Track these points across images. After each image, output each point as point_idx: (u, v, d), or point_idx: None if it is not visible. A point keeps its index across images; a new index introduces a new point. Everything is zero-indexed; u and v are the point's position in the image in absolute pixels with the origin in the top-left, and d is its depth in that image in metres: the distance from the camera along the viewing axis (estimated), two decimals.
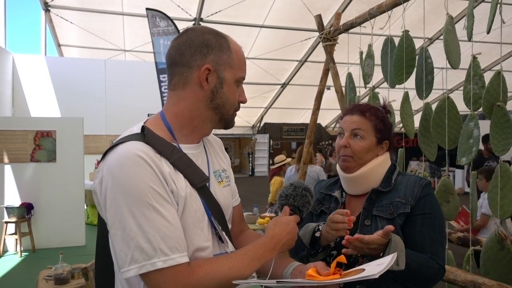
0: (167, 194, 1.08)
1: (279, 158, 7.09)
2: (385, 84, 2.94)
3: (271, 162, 21.60)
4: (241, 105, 1.27)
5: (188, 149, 1.20)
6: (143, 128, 1.17)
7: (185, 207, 1.12)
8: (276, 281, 1.13)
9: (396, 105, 2.75)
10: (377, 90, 3.20)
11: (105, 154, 1.14)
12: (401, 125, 2.83)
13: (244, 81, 1.27)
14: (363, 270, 1.14)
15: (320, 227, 1.53)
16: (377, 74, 2.95)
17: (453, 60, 2.35)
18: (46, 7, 11.06)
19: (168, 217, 1.06)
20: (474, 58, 2.22)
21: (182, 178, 1.14)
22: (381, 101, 1.77)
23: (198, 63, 1.16)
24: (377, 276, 1.06)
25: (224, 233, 1.23)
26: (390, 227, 1.36)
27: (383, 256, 1.38)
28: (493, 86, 2.12)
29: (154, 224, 1.03)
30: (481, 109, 2.24)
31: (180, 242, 1.07)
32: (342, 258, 1.23)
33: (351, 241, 1.36)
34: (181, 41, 1.19)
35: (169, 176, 1.09)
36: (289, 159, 7.22)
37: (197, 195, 1.17)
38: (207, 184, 1.21)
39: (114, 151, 1.11)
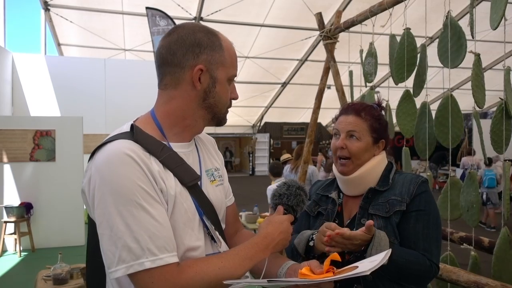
0: (155, 193, 1.06)
1: (285, 156, 7.07)
2: (386, 83, 2.92)
3: (271, 161, 21.63)
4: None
5: (178, 148, 1.18)
6: (132, 126, 1.15)
7: (174, 206, 1.10)
8: (267, 280, 1.11)
9: (396, 104, 2.73)
10: (378, 89, 3.18)
11: (93, 153, 1.12)
12: None
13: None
14: (357, 267, 1.13)
15: (314, 236, 1.52)
16: (379, 73, 2.93)
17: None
18: (46, 6, 11.05)
19: (157, 216, 1.04)
20: (476, 55, 2.20)
21: (171, 176, 1.11)
22: (376, 99, 1.75)
23: (191, 63, 1.14)
24: (368, 273, 1.05)
25: (217, 232, 1.21)
26: (371, 222, 1.36)
27: (365, 250, 1.38)
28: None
29: (142, 224, 1.01)
30: (479, 109, 2.23)
31: (169, 241, 1.05)
32: (336, 256, 1.22)
33: (333, 237, 1.36)
34: (171, 40, 1.16)
35: (158, 175, 1.07)
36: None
37: (187, 194, 1.14)
38: (199, 183, 1.19)
39: (103, 150, 1.09)
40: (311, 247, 1.51)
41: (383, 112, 1.70)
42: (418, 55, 2.64)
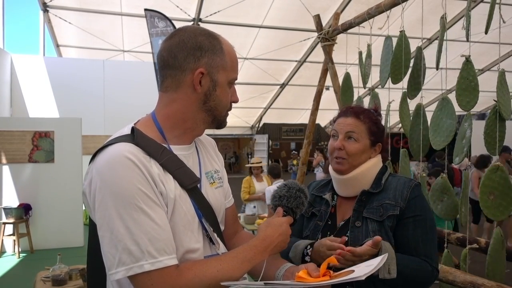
0: (155, 196, 1.07)
1: (255, 159, 6.89)
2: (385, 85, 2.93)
3: (270, 162, 21.62)
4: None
5: (179, 150, 1.19)
6: (133, 129, 1.16)
7: (174, 209, 1.11)
8: (264, 283, 1.12)
9: (394, 105, 2.75)
10: (376, 90, 3.19)
11: (94, 156, 1.13)
12: (399, 125, 2.84)
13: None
14: (353, 271, 1.15)
15: (309, 251, 1.50)
16: (376, 74, 2.95)
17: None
18: (45, 8, 11.04)
19: (156, 219, 1.05)
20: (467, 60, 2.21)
21: (171, 179, 1.12)
22: (373, 104, 1.77)
23: (191, 66, 1.15)
24: (363, 278, 1.06)
25: (215, 234, 1.22)
26: (378, 238, 1.36)
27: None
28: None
29: (142, 226, 1.03)
30: (478, 110, 2.25)
31: (168, 244, 1.06)
32: (332, 260, 1.23)
33: (343, 254, 1.35)
34: (173, 43, 1.17)
35: (158, 178, 1.09)
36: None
37: (187, 196, 1.16)
38: (199, 185, 1.20)
39: (103, 152, 1.10)
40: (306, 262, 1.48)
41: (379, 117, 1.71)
42: (413, 58, 2.66)
